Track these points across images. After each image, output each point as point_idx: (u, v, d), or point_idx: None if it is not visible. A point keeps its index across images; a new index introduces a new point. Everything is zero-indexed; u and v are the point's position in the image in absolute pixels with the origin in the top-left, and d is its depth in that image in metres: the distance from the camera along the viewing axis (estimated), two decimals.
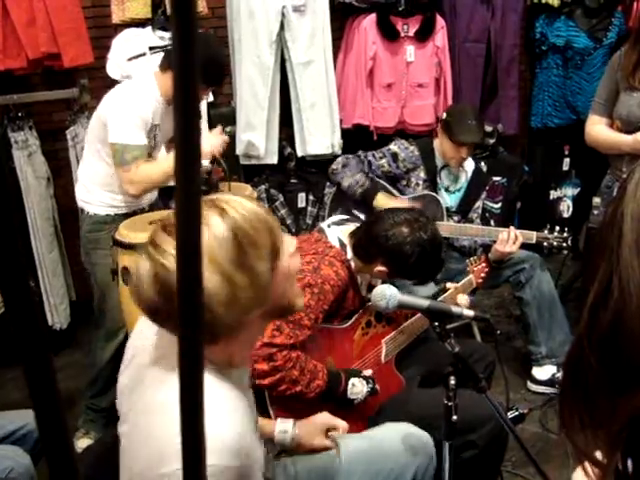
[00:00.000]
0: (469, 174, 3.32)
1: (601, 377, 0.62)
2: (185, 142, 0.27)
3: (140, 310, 1.12)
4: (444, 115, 3.22)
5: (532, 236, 3.09)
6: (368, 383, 2.02)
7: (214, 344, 1.14)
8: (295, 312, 1.39)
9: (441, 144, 3.19)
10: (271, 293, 1.16)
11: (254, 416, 1.31)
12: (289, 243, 1.24)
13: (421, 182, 3.21)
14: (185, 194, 0.28)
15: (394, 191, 3.22)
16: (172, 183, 2.82)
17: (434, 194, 3.20)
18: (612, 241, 0.61)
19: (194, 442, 0.32)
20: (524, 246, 3.22)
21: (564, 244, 3.09)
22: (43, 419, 0.27)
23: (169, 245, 1.08)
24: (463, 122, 3.09)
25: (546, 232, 3.11)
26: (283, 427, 1.75)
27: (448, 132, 3.13)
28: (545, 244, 3.10)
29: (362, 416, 2.11)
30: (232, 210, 1.11)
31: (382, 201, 3.08)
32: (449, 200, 3.29)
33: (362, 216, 3.02)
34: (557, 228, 3.12)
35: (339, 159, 3.28)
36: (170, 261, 1.06)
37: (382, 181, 3.23)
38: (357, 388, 2.00)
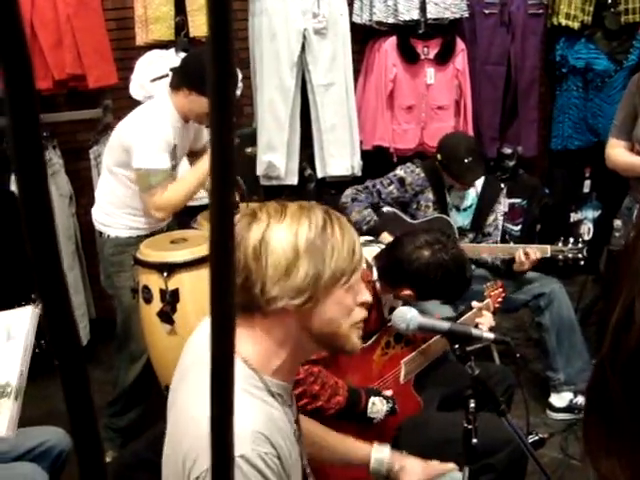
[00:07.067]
0: (478, 189, 3.22)
1: (625, 402, 0.61)
2: (220, 142, 0.28)
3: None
4: (438, 156, 3.10)
5: (547, 250, 3.05)
6: (388, 402, 2.02)
7: (249, 317, 1.18)
8: (345, 353, 1.37)
9: (445, 177, 3.12)
10: (317, 305, 1.19)
11: (292, 429, 1.29)
12: (364, 293, 1.29)
13: (430, 204, 3.13)
14: (220, 194, 0.28)
15: (407, 218, 3.15)
16: (193, 203, 2.85)
17: (444, 216, 3.12)
18: (635, 265, 0.61)
19: (223, 436, 0.32)
20: (544, 269, 3.19)
21: (579, 255, 3.03)
22: (79, 431, 0.28)
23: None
24: (460, 163, 3.00)
25: (560, 245, 3.07)
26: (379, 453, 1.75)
27: (448, 173, 3.07)
28: (560, 257, 3.05)
29: (380, 436, 2.09)
30: (336, 218, 1.22)
31: (387, 239, 3.04)
32: (460, 219, 3.22)
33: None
34: (571, 240, 3.07)
35: (348, 192, 3.16)
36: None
37: (394, 209, 3.14)
38: (377, 407, 2.00)
